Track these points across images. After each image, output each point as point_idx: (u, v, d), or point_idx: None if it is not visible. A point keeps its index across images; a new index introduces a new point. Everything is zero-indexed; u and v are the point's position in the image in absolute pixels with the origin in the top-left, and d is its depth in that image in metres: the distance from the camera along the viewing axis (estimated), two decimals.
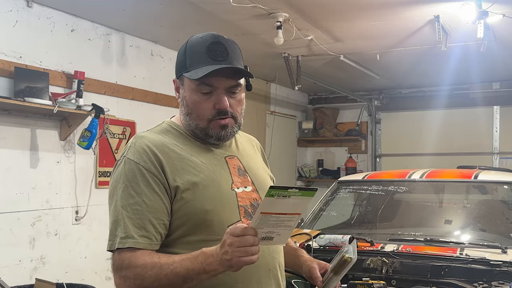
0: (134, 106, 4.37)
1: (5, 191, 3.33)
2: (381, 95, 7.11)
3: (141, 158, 1.41)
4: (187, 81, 1.46)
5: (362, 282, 2.26)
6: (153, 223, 1.36)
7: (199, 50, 1.45)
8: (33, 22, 3.50)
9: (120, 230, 1.36)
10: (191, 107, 1.47)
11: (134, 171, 1.39)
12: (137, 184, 1.38)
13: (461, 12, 3.51)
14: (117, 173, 1.44)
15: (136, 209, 1.36)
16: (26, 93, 3.29)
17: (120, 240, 1.35)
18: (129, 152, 1.44)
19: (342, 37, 4.38)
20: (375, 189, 3.48)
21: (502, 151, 6.40)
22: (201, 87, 1.44)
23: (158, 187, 1.38)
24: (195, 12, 3.68)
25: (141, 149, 1.42)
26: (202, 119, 1.47)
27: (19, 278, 3.27)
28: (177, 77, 1.52)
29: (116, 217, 1.38)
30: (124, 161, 1.43)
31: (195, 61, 1.44)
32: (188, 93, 1.47)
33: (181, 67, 1.48)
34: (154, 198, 1.37)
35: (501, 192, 3.43)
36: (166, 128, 1.53)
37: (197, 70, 1.42)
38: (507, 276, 2.28)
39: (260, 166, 1.68)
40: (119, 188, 1.40)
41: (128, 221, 1.36)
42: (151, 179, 1.38)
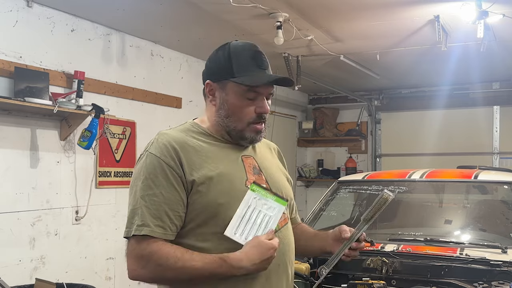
0: (134, 106, 4.37)
1: (5, 191, 3.33)
2: (381, 95, 7.11)
3: (162, 153, 1.49)
4: (233, 86, 1.54)
5: (362, 282, 2.26)
6: (168, 215, 1.45)
7: (245, 58, 1.55)
8: (33, 22, 3.50)
9: (138, 218, 1.44)
10: (233, 110, 1.56)
11: (155, 165, 1.48)
12: (156, 177, 1.47)
13: (461, 12, 3.51)
14: (139, 166, 1.53)
15: (153, 200, 1.45)
16: (26, 93, 3.29)
17: (136, 228, 1.43)
18: (152, 147, 1.53)
19: (342, 37, 4.38)
20: (375, 189, 3.48)
21: (502, 151, 6.40)
22: (249, 94, 1.54)
23: (176, 181, 1.47)
24: (195, 12, 3.68)
25: (162, 145, 1.51)
26: (243, 122, 1.56)
27: (19, 278, 3.27)
28: (216, 81, 1.58)
29: (134, 206, 1.47)
30: (147, 155, 1.52)
31: (243, 68, 1.54)
32: (232, 97, 1.55)
33: (225, 71, 1.55)
34: (171, 190, 1.46)
35: (501, 192, 3.42)
36: (188, 128, 1.61)
37: (248, 77, 1.53)
38: (507, 276, 2.28)
39: (276, 167, 1.76)
40: (139, 179, 1.49)
41: (145, 210, 1.44)
42: (170, 173, 1.47)
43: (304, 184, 7.60)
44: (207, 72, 1.62)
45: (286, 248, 1.60)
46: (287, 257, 1.60)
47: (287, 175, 1.81)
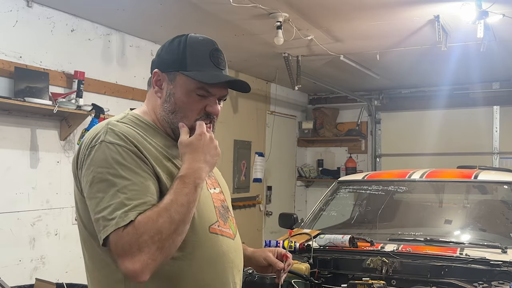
0: (134, 106, 4.33)
1: (5, 191, 3.33)
2: (381, 95, 7.11)
3: (124, 141, 1.32)
4: (183, 80, 1.41)
5: (362, 282, 2.26)
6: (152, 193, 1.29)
7: (201, 53, 1.43)
8: (33, 22, 3.50)
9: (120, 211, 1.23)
10: (180, 105, 1.42)
11: (121, 153, 1.29)
12: (127, 167, 1.28)
13: (461, 12, 3.51)
14: (99, 158, 1.29)
15: (134, 189, 1.26)
16: (26, 93, 3.29)
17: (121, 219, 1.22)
18: (108, 136, 1.32)
19: (342, 37, 4.38)
20: (375, 189, 3.48)
21: (502, 151, 6.40)
22: (199, 91, 1.41)
23: (147, 167, 1.31)
24: (195, 12, 3.68)
25: (120, 134, 1.33)
26: (189, 119, 1.43)
27: (19, 278, 3.27)
28: (165, 71, 1.44)
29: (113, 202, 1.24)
30: (104, 145, 1.30)
31: (197, 63, 1.42)
32: (180, 92, 1.42)
33: (176, 63, 1.43)
34: (146, 177, 1.29)
35: (501, 192, 3.43)
36: (133, 121, 1.43)
37: (202, 73, 1.41)
38: (507, 276, 2.28)
39: (218, 170, 1.67)
40: (107, 173, 1.27)
41: (127, 202, 1.24)
42: (140, 160, 1.31)
43: (304, 184, 7.60)
44: (158, 60, 1.47)
45: (241, 252, 1.54)
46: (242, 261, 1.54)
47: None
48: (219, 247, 1.42)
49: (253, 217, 6.27)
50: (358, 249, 2.70)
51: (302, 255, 2.65)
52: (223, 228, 1.46)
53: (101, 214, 1.25)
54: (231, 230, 1.50)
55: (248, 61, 5.25)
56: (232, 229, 1.52)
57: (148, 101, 1.51)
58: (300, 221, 3.49)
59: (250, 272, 2.32)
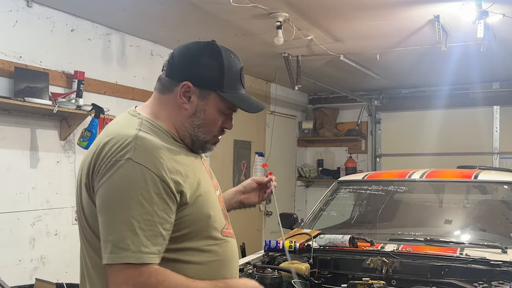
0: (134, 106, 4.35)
1: (5, 191, 3.33)
2: (381, 95, 7.11)
3: (152, 163, 1.30)
4: (216, 99, 1.45)
5: (362, 282, 2.26)
6: (163, 235, 1.29)
7: (235, 74, 1.48)
8: (33, 22, 3.50)
9: (131, 242, 1.24)
10: (207, 122, 1.47)
11: (146, 178, 1.28)
12: (148, 193, 1.27)
13: (461, 12, 3.51)
14: (122, 177, 1.28)
15: (148, 219, 1.26)
16: (26, 93, 3.29)
17: (131, 254, 1.23)
18: (136, 154, 1.30)
19: (342, 37, 4.38)
20: (375, 189, 3.48)
21: (502, 151, 6.40)
22: (227, 110, 1.49)
23: (168, 196, 1.30)
24: (195, 12, 3.68)
25: (149, 153, 1.31)
26: (211, 134, 1.50)
27: (19, 278, 3.27)
28: (199, 87, 1.44)
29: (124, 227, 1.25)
30: (132, 165, 1.28)
31: (232, 84, 1.48)
32: (211, 110, 1.46)
33: (214, 83, 1.45)
34: (164, 208, 1.29)
35: (501, 192, 3.43)
36: (152, 129, 1.42)
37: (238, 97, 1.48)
38: (507, 276, 2.28)
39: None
40: (127, 195, 1.26)
41: (140, 233, 1.24)
42: (162, 188, 1.29)
43: (304, 184, 7.60)
44: (189, 72, 1.44)
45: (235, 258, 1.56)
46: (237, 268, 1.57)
47: None
48: (229, 249, 1.49)
49: (253, 217, 6.27)
50: (358, 249, 2.69)
51: (302, 255, 2.65)
52: (229, 229, 1.53)
53: (111, 238, 1.25)
54: (231, 230, 1.56)
55: (248, 61, 5.24)
56: (231, 230, 1.57)
57: (163, 107, 1.48)
58: (300, 221, 3.49)
59: (250, 272, 2.32)
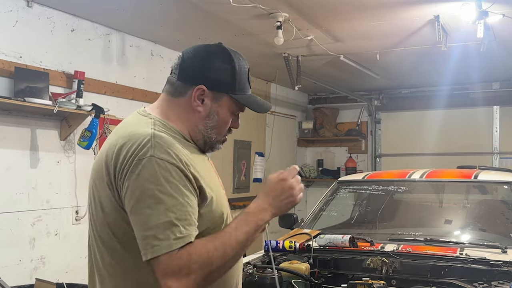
0: (134, 106, 4.36)
1: (5, 191, 3.33)
2: (381, 95, 7.11)
3: (173, 158, 1.34)
4: (229, 101, 1.51)
5: (362, 282, 2.26)
6: (196, 224, 1.34)
7: (244, 76, 1.55)
8: (33, 22, 3.50)
9: (170, 232, 1.28)
10: (220, 123, 1.52)
11: (170, 172, 1.32)
12: (176, 186, 1.32)
13: (461, 12, 3.51)
14: (149, 173, 1.31)
15: (182, 210, 1.31)
16: (26, 93, 3.29)
17: (174, 242, 1.28)
18: (157, 151, 1.34)
19: (342, 37, 4.38)
20: (375, 189, 3.48)
21: (502, 151, 6.40)
22: (237, 111, 1.55)
23: (193, 188, 1.36)
24: (195, 12, 3.68)
25: (169, 149, 1.36)
26: (221, 134, 1.55)
27: (19, 278, 3.27)
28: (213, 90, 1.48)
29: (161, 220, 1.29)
30: (155, 161, 1.32)
31: (243, 86, 1.53)
32: (224, 111, 1.51)
33: (226, 86, 1.50)
34: (192, 198, 1.35)
35: (501, 192, 3.43)
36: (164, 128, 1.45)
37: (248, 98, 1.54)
38: (507, 276, 2.28)
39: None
40: (156, 190, 1.30)
41: (178, 222, 1.29)
42: (187, 180, 1.35)
43: (304, 184, 7.58)
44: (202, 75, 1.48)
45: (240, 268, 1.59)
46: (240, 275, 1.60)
47: None
48: None
49: None
50: (358, 249, 2.69)
51: (302, 255, 2.65)
52: None
53: (151, 232, 1.28)
54: None
55: (248, 61, 5.17)
56: None
57: (174, 109, 1.51)
58: (300, 221, 3.49)
59: (250, 272, 2.32)
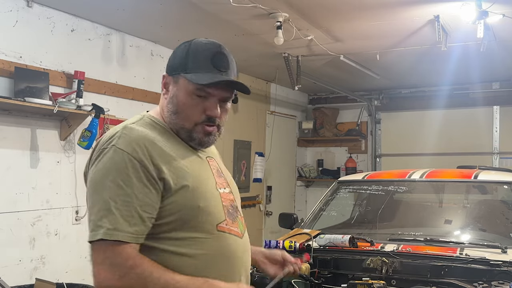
0: (134, 106, 4.36)
1: (5, 191, 3.33)
2: (381, 95, 7.11)
3: (133, 149, 1.38)
4: (184, 82, 1.48)
5: (362, 282, 2.26)
6: (142, 217, 1.35)
7: (203, 56, 1.49)
8: (33, 22, 3.50)
9: (107, 221, 1.32)
10: (181, 107, 1.49)
11: (126, 162, 1.36)
12: (128, 176, 1.35)
13: (461, 12, 3.51)
14: (104, 162, 1.38)
15: (125, 201, 1.34)
16: (26, 93, 3.29)
17: (106, 231, 1.31)
18: (120, 141, 1.39)
19: (342, 37, 4.38)
20: (375, 189, 3.48)
21: (502, 151, 6.40)
22: (199, 92, 1.47)
23: (149, 181, 1.37)
24: (195, 12, 3.68)
25: (133, 140, 1.39)
26: (190, 121, 1.49)
27: (19, 278, 3.27)
28: (171, 74, 1.52)
29: (102, 207, 1.34)
30: (114, 150, 1.38)
31: (198, 65, 1.48)
32: (181, 93, 1.49)
33: (180, 66, 1.50)
34: (144, 191, 1.36)
35: (501, 192, 3.43)
36: (150, 123, 1.51)
37: (199, 75, 1.46)
38: (507, 276, 2.28)
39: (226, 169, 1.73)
40: (106, 177, 1.36)
41: (116, 212, 1.33)
42: (143, 172, 1.36)
43: (304, 184, 7.60)
44: (167, 65, 1.55)
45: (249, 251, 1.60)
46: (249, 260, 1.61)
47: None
48: (226, 245, 1.48)
49: (253, 217, 6.27)
50: (358, 249, 2.70)
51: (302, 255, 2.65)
52: (231, 226, 1.52)
53: (92, 218, 1.36)
54: (239, 229, 1.55)
55: (248, 61, 5.24)
56: (241, 228, 1.57)
57: (160, 103, 1.58)
58: (300, 221, 3.49)
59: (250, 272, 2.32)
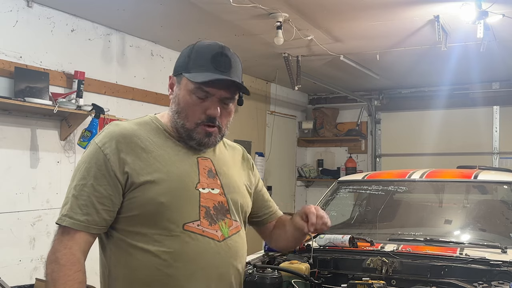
0: (134, 106, 4.37)
1: (5, 191, 3.34)
2: (381, 95, 7.11)
3: (103, 143, 1.46)
4: (185, 81, 1.51)
5: (362, 282, 2.26)
6: (96, 207, 1.43)
7: (204, 56, 1.50)
8: (33, 22, 3.50)
9: (65, 207, 1.45)
10: (182, 106, 1.51)
11: (94, 154, 1.46)
12: (91, 167, 1.45)
13: (461, 12, 3.51)
14: (84, 154, 1.52)
15: (83, 190, 1.44)
16: (26, 93, 3.29)
17: (60, 217, 1.45)
18: (99, 136, 1.50)
19: (342, 37, 4.38)
20: (375, 189, 3.48)
21: (502, 151, 6.40)
22: (198, 91, 1.48)
23: (109, 174, 1.43)
24: (195, 12, 3.69)
25: (108, 135, 1.48)
26: (190, 121, 1.51)
27: (19, 278, 3.27)
28: (175, 75, 1.56)
29: (67, 194, 1.48)
30: (91, 144, 1.50)
31: (198, 65, 1.50)
32: (183, 93, 1.51)
33: (182, 66, 1.52)
34: (102, 183, 1.43)
35: (501, 192, 3.43)
36: (145, 121, 1.57)
37: (198, 74, 1.48)
38: (507, 276, 2.28)
39: (236, 173, 1.68)
40: (78, 168, 1.49)
41: (73, 200, 1.45)
42: (105, 165, 1.43)
43: (304, 184, 7.60)
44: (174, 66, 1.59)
45: (233, 258, 1.53)
46: (232, 267, 1.53)
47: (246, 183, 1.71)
48: (193, 246, 1.44)
49: None
50: (358, 249, 2.69)
51: (302, 255, 2.65)
52: (205, 228, 1.47)
53: (62, 202, 1.49)
54: (219, 232, 1.49)
55: (248, 61, 5.24)
56: (223, 232, 1.51)
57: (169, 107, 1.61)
58: None
59: (250, 272, 2.32)
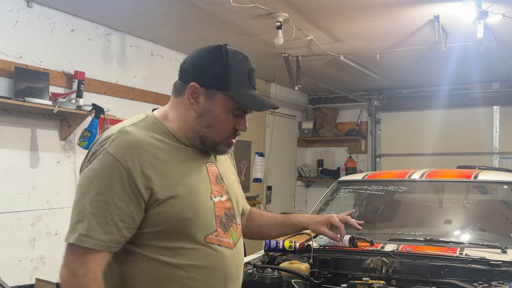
0: (134, 106, 4.37)
1: (5, 191, 3.33)
2: (381, 95, 7.11)
3: (122, 155, 1.34)
4: (223, 99, 1.45)
5: (362, 282, 2.26)
6: (117, 225, 1.32)
7: (241, 73, 1.48)
8: (33, 22, 3.50)
9: (82, 225, 1.32)
10: (216, 122, 1.46)
11: (112, 167, 1.33)
12: (110, 182, 1.32)
13: (461, 12, 3.51)
14: (94, 165, 1.36)
15: (103, 208, 1.31)
16: (26, 93, 3.29)
17: (78, 237, 1.32)
18: (112, 145, 1.36)
19: (342, 37, 4.38)
20: (375, 189, 3.48)
21: (502, 151, 6.40)
22: (237, 111, 1.47)
23: (132, 191, 1.33)
24: (195, 12, 3.68)
25: (124, 145, 1.36)
26: (221, 135, 1.49)
27: (19, 278, 3.27)
28: (204, 87, 1.45)
29: (81, 210, 1.33)
30: (104, 154, 1.36)
31: (238, 83, 1.46)
32: (218, 110, 1.46)
33: (219, 83, 1.45)
34: (124, 200, 1.32)
35: (501, 192, 3.43)
36: (149, 124, 1.47)
37: (243, 96, 1.46)
38: (507, 276, 2.28)
39: (233, 174, 1.71)
40: (90, 180, 1.34)
41: (92, 218, 1.31)
42: (127, 180, 1.33)
43: (304, 184, 7.60)
44: (195, 73, 1.48)
45: (240, 262, 1.57)
46: (240, 270, 1.58)
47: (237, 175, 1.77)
48: (214, 257, 1.45)
49: None
50: (358, 249, 2.69)
51: (302, 255, 2.65)
52: (222, 238, 1.48)
53: (72, 218, 1.37)
54: (231, 239, 1.52)
55: None
56: (233, 238, 1.53)
57: (174, 109, 1.52)
58: None
59: (250, 272, 2.33)
